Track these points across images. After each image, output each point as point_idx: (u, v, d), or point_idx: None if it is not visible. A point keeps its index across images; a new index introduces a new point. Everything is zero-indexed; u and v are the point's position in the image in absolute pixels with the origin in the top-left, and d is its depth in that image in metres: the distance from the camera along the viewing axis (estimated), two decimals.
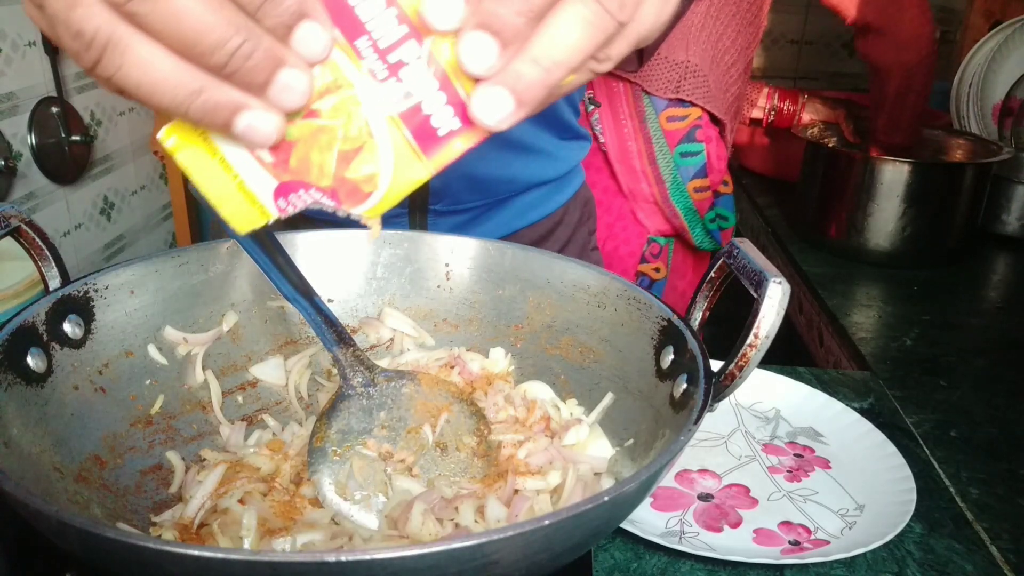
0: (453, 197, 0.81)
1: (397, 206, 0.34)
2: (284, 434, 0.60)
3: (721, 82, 1.31)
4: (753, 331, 0.45)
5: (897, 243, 1.31)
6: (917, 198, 1.28)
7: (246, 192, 0.32)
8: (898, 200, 1.28)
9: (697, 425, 0.43)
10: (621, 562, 0.59)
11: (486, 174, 0.81)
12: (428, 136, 0.31)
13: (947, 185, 1.28)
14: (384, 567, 0.32)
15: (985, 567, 0.61)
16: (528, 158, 0.84)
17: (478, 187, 0.81)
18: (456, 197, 0.81)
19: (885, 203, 1.29)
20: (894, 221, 1.30)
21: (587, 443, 0.56)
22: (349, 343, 0.55)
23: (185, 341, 0.59)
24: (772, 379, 0.81)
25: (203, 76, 0.28)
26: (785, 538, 0.62)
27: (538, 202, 0.87)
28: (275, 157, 0.31)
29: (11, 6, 1.67)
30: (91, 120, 2.00)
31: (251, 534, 0.46)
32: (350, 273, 0.66)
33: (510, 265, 0.64)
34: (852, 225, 1.33)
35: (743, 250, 0.49)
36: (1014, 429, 0.83)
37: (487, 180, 0.82)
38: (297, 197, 0.32)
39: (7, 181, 1.69)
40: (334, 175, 0.32)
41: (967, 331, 1.09)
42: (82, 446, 0.50)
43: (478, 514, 0.49)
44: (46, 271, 0.54)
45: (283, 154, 0.31)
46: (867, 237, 1.32)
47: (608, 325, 0.59)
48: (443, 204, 0.81)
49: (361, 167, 0.31)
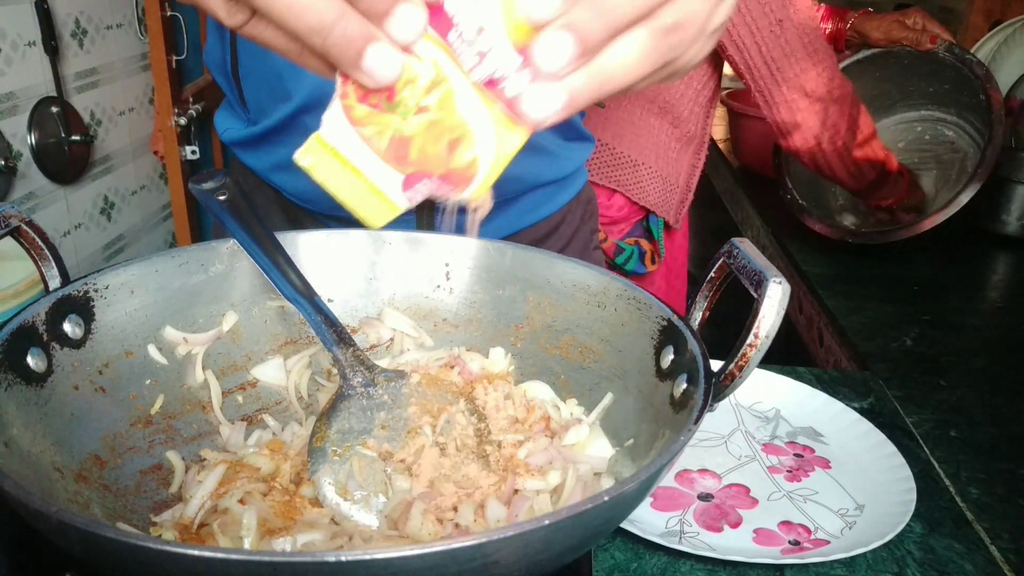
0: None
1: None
2: (284, 434, 0.60)
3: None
4: (753, 331, 0.45)
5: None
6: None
7: (377, 192, 0.35)
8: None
9: (697, 425, 0.43)
10: (621, 562, 0.59)
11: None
12: (515, 107, 0.34)
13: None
14: (384, 567, 0.32)
15: (985, 567, 0.61)
16: (533, 158, 0.83)
17: None
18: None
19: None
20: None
21: (587, 443, 0.56)
22: (349, 343, 0.55)
23: (185, 341, 0.59)
24: (772, 379, 0.81)
25: (341, 4, 0.31)
26: (785, 538, 0.62)
27: (541, 202, 0.87)
28: (397, 153, 0.35)
29: (11, 6, 1.67)
30: (91, 120, 2.00)
31: (251, 534, 0.46)
32: (350, 273, 0.66)
33: (510, 265, 0.64)
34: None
35: (743, 250, 0.49)
36: (1014, 429, 0.83)
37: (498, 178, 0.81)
38: (421, 186, 0.35)
39: (7, 181, 1.69)
40: (446, 164, 0.35)
41: (967, 331, 1.09)
42: (82, 446, 0.50)
43: (478, 514, 0.49)
44: (46, 271, 0.54)
45: (403, 150, 0.34)
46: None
47: (608, 325, 0.59)
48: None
49: (464, 153, 0.35)
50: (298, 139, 0.40)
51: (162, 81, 1.99)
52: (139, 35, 2.18)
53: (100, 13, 2.00)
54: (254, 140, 0.83)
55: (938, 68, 1.37)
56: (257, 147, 0.83)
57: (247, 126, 0.83)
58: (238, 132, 0.84)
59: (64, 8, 1.85)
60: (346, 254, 0.66)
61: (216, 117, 0.89)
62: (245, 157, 0.85)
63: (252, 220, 0.56)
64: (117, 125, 2.13)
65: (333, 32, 0.31)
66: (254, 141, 0.83)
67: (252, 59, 0.78)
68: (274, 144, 0.81)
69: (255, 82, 0.79)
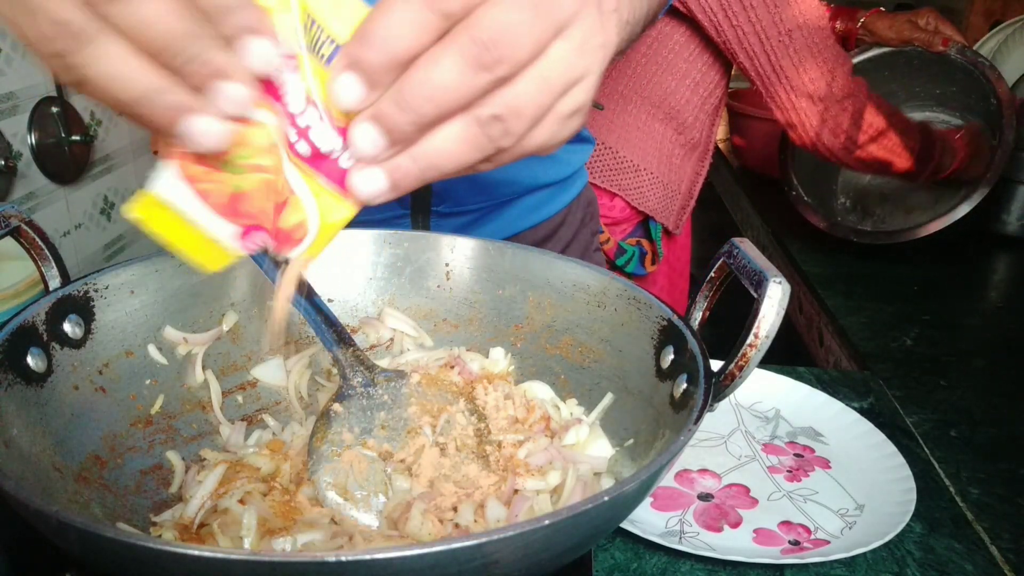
0: (456, 199, 0.81)
1: (400, 208, 0.36)
2: (284, 434, 0.60)
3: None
4: (753, 331, 0.45)
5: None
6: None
7: (210, 242, 0.37)
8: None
9: (697, 425, 0.43)
10: (621, 562, 0.59)
11: (489, 176, 0.81)
12: (341, 182, 0.36)
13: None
14: (384, 567, 0.32)
15: (985, 567, 0.61)
16: (531, 160, 0.83)
17: (481, 188, 0.81)
18: (459, 199, 0.81)
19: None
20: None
21: (587, 443, 0.56)
22: (349, 343, 0.55)
23: (185, 341, 0.59)
24: (772, 379, 0.81)
25: (164, 76, 0.31)
26: (785, 538, 0.62)
27: (541, 204, 0.87)
28: (234, 207, 0.36)
29: None
30: (91, 120, 2.00)
31: (251, 534, 0.46)
32: (350, 273, 0.66)
33: (510, 265, 0.64)
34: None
35: (743, 250, 0.49)
36: (1014, 429, 0.83)
37: (490, 182, 0.82)
38: (258, 237, 0.37)
39: (7, 181, 1.69)
40: (275, 222, 0.37)
41: (967, 331, 1.09)
42: (82, 446, 0.50)
43: (478, 514, 0.49)
44: (46, 271, 0.54)
45: (240, 204, 0.36)
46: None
47: (608, 325, 0.59)
48: (446, 206, 0.81)
49: (291, 216, 0.37)
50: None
51: None
52: None
53: None
54: None
55: (947, 69, 1.37)
56: None
57: None
58: None
59: None
60: (346, 254, 0.66)
61: None
62: None
63: None
64: (117, 125, 2.13)
65: (148, 104, 0.31)
66: None
67: None
68: None
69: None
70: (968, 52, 1.32)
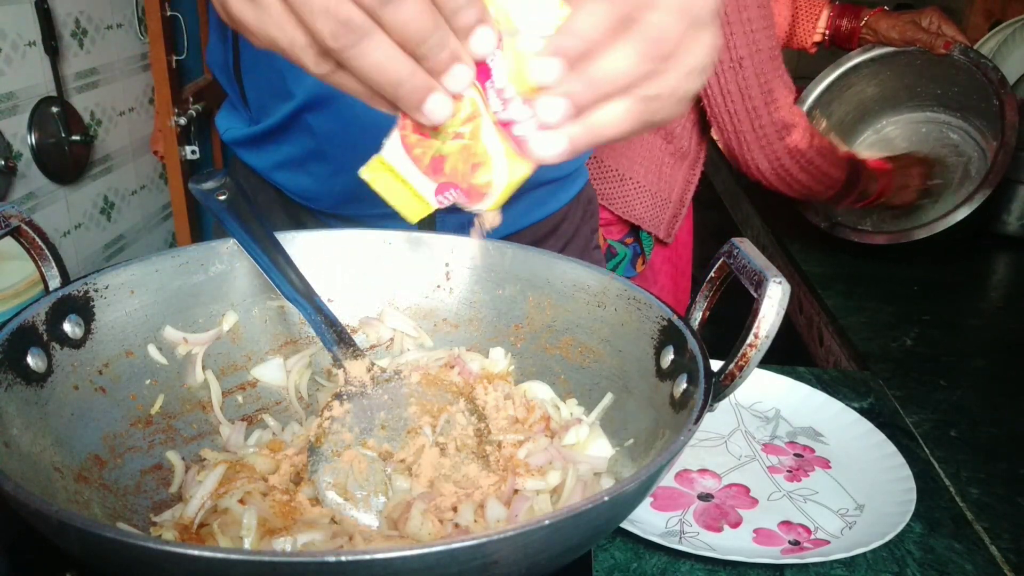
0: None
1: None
2: (284, 434, 0.60)
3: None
4: (753, 331, 0.45)
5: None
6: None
7: (417, 196, 0.45)
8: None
9: (697, 425, 0.43)
10: (621, 562, 0.59)
11: None
12: (523, 145, 0.43)
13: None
14: (384, 567, 0.32)
15: (985, 567, 0.61)
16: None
17: None
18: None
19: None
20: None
21: (587, 443, 0.56)
22: (349, 343, 0.55)
23: (185, 341, 0.59)
24: (772, 379, 0.81)
25: (412, 62, 0.39)
26: (785, 538, 0.62)
27: (542, 200, 0.88)
28: (435, 167, 0.44)
29: (11, 6, 1.67)
30: (91, 120, 2.00)
31: (251, 534, 0.46)
32: (350, 273, 0.66)
33: (510, 265, 0.64)
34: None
35: (743, 250, 0.49)
36: (1014, 429, 0.83)
37: None
38: (449, 194, 0.45)
39: (7, 181, 1.69)
40: (468, 180, 0.44)
41: (967, 331, 1.09)
42: (82, 446, 0.50)
43: (478, 514, 0.49)
44: (46, 271, 0.54)
45: (440, 165, 0.44)
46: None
47: (608, 325, 0.59)
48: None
49: (483, 175, 0.44)
50: (299, 137, 0.45)
51: (162, 81, 1.99)
52: (139, 35, 2.18)
53: (100, 13, 2.00)
54: (256, 139, 0.83)
55: (950, 70, 1.36)
56: (259, 146, 0.83)
57: (249, 125, 0.83)
58: (240, 131, 0.84)
59: (64, 8, 1.85)
60: (346, 254, 0.66)
61: (217, 117, 0.89)
62: (247, 156, 0.86)
63: (252, 220, 0.56)
64: (117, 125, 2.13)
65: (404, 86, 0.39)
66: (256, 140, 0.83)
67: (254, 58, 0.78)
68: (276, 143, 0.81)
69: (257, 81, 0.79)
70: (971, 53, 1.32)
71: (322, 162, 0.79)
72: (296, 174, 0.82)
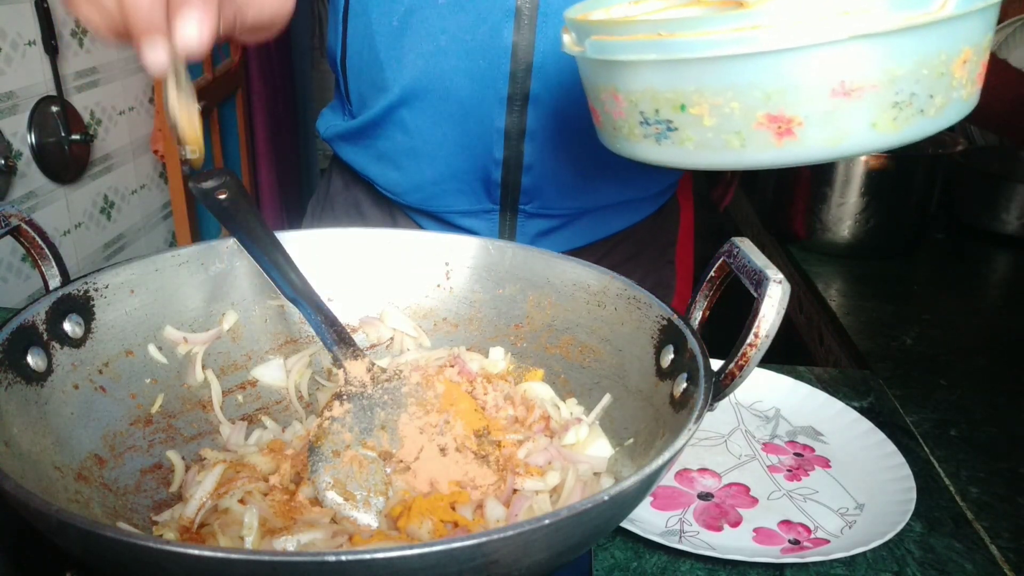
0: (544, 201, 0.82)
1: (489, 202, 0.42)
2: (284, 434, 0.60)
3: None
4: (753, 330, 0.45)
5: (860, 235, 1.32)
6: (873, 191, 1.30)
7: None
8: (857, 193, 1.31)
9: (697, 424, 0.43)
10: (621, 561, 0.59)
11: (580, 183, 0.82)
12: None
13: (902, 177, 1.30)
14: (384, 567, 0.32)
15: (985, 566, 0.61)
16: (629, 172, 0.84)
17: (570, 194, 0.83)
18: (547, 201, 0.82)
19: (846, 195, 1.32)
20: (854, 214, 1.31)
21: (587, 443, 0.56)
22: (349, 343, 0.55)
23: (185, 340, 0.59)
24: (772, 378, 0.81)
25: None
26: (785, 537, 0.62)
27: (626, 213, 0.89)
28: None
29: (11, 6, 1.67)
30: (91, 119, 2.00)
31: (252, 533, 0.46)
32: (350, 273, 0.66)
33: (510, 264, 0.64)
34: (814, 218, 1.35)
35: (743, 249, 0.49)
36: (1014, 428, 0.83)
37: (580, 189, 0.83)
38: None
39: (7, 180, 1.69)
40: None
41: (967, 330, 1.09)
42: (82, 445, 0.50)
43: (478, 514, 0.49)
44: (46, 270, 0.54)
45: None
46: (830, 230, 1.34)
47: (608, 325, 0.59)
48: (533, 206, 0.82)
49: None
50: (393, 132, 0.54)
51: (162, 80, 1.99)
52: None
53: None
54: (353, 134, 0.85)
55: None
56: (356, 141, 0.86)
57: (347, 120, 0.86)
58: (339, 126, 0.87)
59: (64, 7, 1.84)
60: (346, 254, 0.66)
61: (319, 119, 0.93)
62: (344, 151, 0.88)
63: (252, 220, 0.56)
64: (117, 124, 2.13)
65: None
66: (353, 135, 0.85)
67: (359, 50, 0.80)
68: (372, 138, 0.83)
69: (358, 73, 0.82)
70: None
71: (413, 158, 0.81)
72: (388, 169, 0.84)
